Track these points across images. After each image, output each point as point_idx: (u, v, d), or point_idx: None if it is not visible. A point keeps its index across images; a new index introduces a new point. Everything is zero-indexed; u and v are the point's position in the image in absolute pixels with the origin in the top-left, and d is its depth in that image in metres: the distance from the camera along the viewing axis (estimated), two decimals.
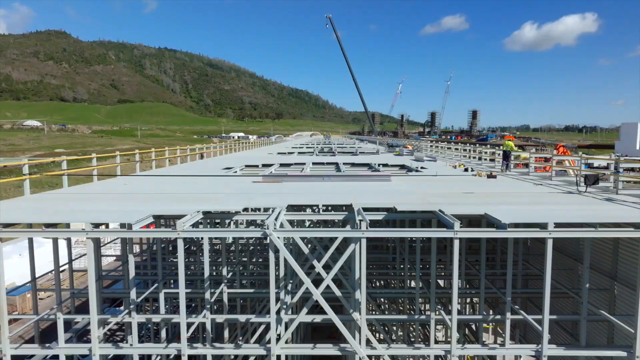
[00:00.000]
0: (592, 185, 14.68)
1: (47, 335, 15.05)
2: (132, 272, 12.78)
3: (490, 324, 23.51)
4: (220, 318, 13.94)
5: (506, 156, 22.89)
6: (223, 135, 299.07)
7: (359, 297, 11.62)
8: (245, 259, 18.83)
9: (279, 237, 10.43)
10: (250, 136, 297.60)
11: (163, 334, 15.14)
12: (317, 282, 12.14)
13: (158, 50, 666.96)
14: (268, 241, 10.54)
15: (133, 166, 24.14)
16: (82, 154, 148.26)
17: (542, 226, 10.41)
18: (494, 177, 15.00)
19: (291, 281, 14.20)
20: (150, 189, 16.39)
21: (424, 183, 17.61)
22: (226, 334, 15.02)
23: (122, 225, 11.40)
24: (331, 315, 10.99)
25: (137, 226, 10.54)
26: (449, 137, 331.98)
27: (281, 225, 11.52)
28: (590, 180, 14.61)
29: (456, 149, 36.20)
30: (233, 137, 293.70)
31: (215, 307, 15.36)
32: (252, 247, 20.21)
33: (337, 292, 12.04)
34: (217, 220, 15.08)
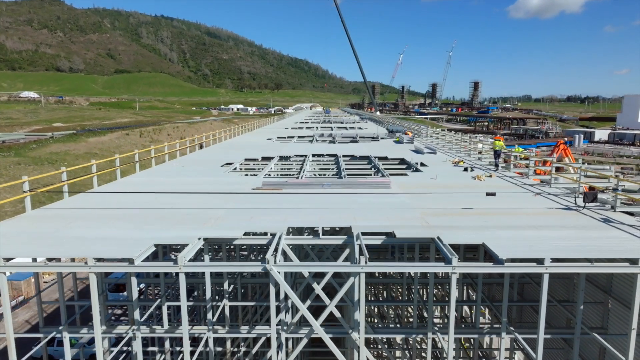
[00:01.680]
0: (591, 202, 14.76)
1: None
2: (135, 294, 13.02)
3: (486, 309, 24.08)
4: (222, 331, 14.33)
5: (497, 155, 24.34)
6: (222, 107, 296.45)
7: (358, 317, 11.90)
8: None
9: (279, 272, 10.59)
10: (249, 108, 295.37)
11: (167, 344, 15.56)
12: (317, 297, 12.38)
13: (154, 18, 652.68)
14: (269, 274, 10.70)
15: (132, 148, 23.98)
16: (80, 128, 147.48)
17: (539, 261, 10.57)
18: (493, 194, 15.06)
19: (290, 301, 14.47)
20: (151, 201, 16.41)
21: (423, 194, 17.64)
22: (228, 344, 15.45)
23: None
24: (332, 348, 11.28)
25: (139, 260, 10.68)
26: (449, 109, 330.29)
27: (282, 252, 11.68)
28: (588, 198, 14.69)
29: (456, 139, 36.09)
30: (232, 109, 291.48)
31: (219, 317, 15.64)
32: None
33: (337, 314, 12.35)
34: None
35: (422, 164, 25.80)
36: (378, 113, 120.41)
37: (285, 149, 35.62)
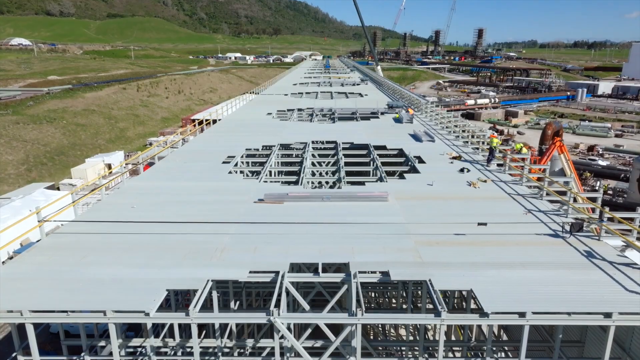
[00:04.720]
0: (577, 232, 15.54)
1: None
2: (149, 324, 14.13)
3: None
4: (229, 344, 15.65)
5: (491, 151, 25.40)
6: (219, 55, 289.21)
7: (355, 344, 13.04)
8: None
9: (283, 323, 11.56)
10: (247, 57, 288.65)
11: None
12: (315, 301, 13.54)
13: None
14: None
15: (130, 103, 24.40)
16: (76, 81, 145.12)
17: (522, 314, 11.57)
18: (485, 224, 15.83)
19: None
20: (157, 226, 17.03)
21: (418, 210, 18.44)
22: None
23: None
24: None
25: (154, 311, 11.63)
26: (452, 57, 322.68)
27: (286, 290, 12.66)
28: (575, 228, 15.47)
29: (455, 118, 36.41)
30: (230, 58, 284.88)
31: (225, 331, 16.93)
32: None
33: (337, 343, 13.54)
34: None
35: (420, 160, 26.32)
36: (379, 68, 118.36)
37: (286, 131, 36.04)
